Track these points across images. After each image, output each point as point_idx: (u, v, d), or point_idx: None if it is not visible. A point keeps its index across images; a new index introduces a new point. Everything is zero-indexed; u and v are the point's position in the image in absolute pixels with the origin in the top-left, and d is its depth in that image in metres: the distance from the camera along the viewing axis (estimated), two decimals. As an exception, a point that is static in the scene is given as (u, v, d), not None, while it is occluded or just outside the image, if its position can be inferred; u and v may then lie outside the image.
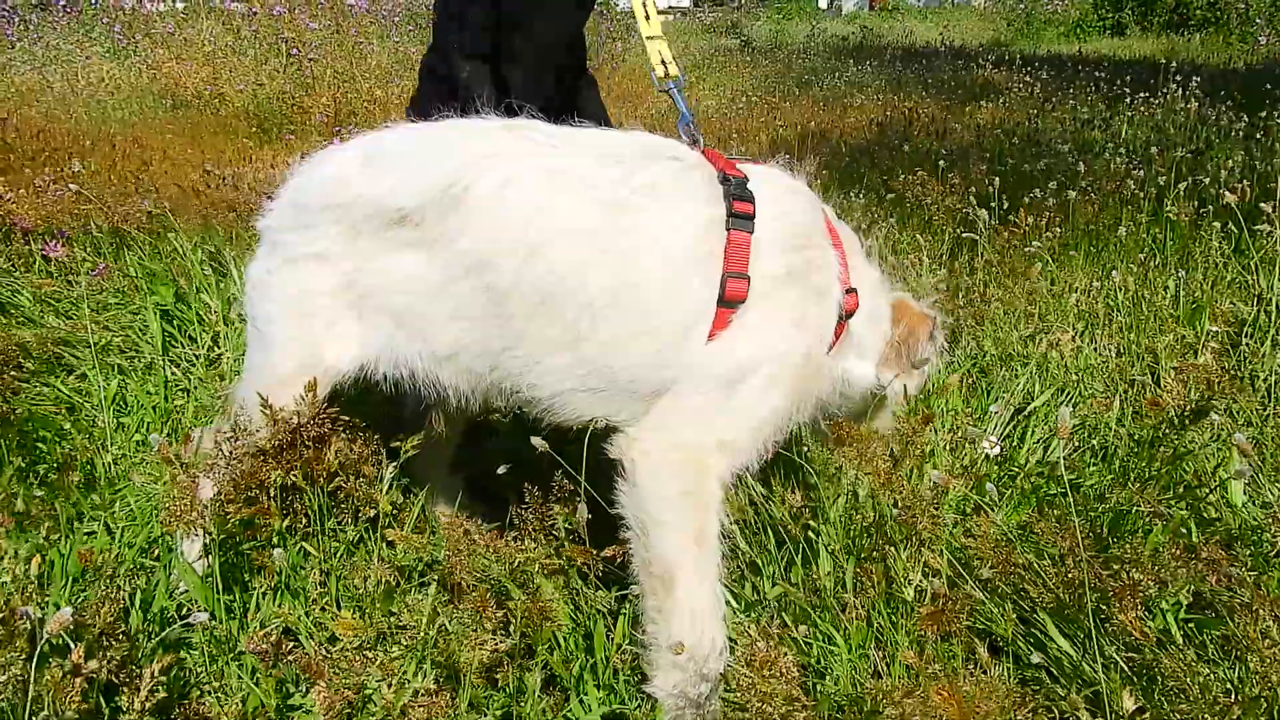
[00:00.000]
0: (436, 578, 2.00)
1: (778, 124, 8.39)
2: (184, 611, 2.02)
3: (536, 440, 1.93)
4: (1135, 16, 19.23)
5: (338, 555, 2.15)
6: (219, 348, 3.39)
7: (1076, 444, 2.85)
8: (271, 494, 2.03)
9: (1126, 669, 1.81)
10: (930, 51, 15.41)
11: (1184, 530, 2.18)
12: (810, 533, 2.14)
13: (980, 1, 28.98)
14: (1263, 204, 3.78)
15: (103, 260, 3.92)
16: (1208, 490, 2.35)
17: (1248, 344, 3.46)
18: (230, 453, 1.97)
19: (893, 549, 2.01)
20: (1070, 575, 1.90)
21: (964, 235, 4.24)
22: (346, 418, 2.12)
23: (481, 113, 2.10)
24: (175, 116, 9.52)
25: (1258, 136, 6.04)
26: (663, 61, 2.51)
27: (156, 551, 2.29)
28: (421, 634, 1.84)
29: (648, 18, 2.61)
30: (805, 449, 2.34)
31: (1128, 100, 7.81)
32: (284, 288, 2.09)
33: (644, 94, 11.73)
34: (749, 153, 7.07)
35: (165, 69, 11.04)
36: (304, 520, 2.12)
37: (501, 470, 2.15)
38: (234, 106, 9.50)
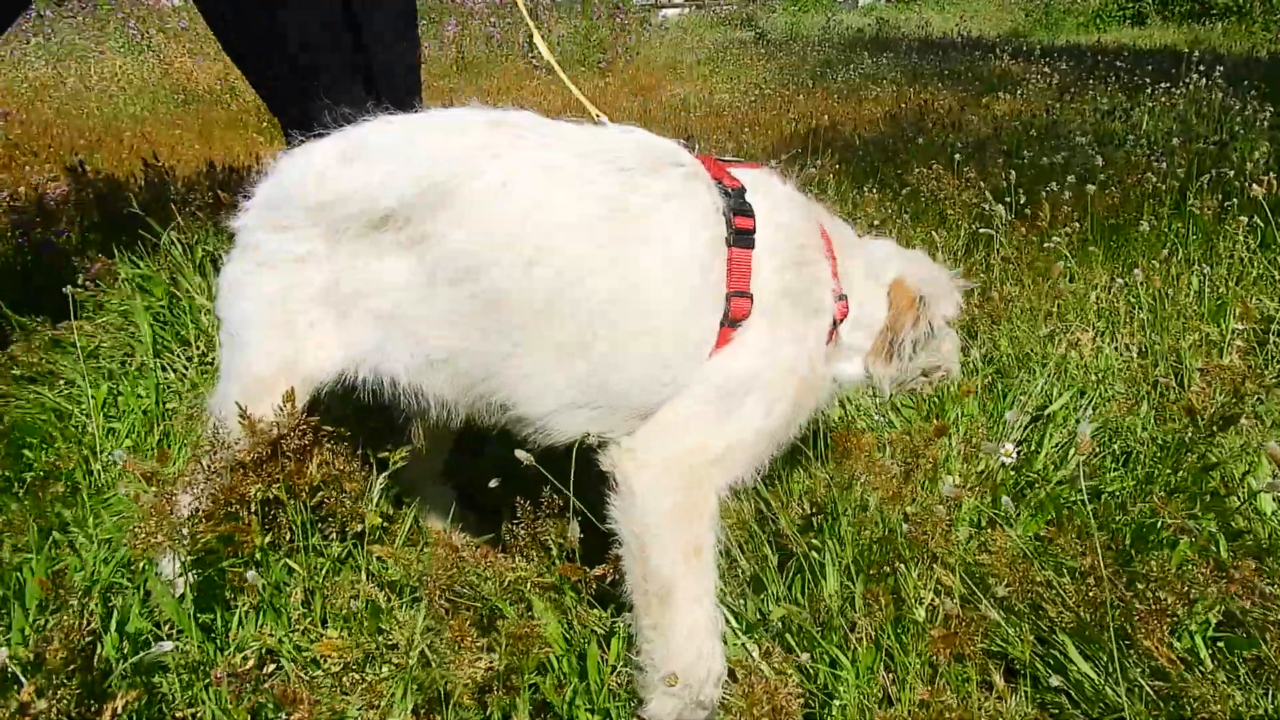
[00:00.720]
0: (426, 595, 1.91)
1: (790, 117, 8.28)
2: (166, 631, 1.94)
3: (521, 454, 1.86)
4: (1156, 5, 18.99)
5: (323, 572, 2.06)
6: (212, 350, 3.31)
7: (1097, 449, 2.74)
8: (252, 509, 1.94)
9: (1152, 693, 1.71)
10: (947, 43, 15.24)
11: (1213, 545, 2.08)
12: (815, 551, 2.04)
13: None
14: (1292, 197, 3.66)
15: (98, 260, 3.84)
16: (1236, 500, 2.24)
17: (1276, 341, 3.35)
18: (209, 466, 1.88)
19: (903, 566, 1.92)
20: (1091, 594, 1.80)
21: (980, 231, 4.13)
22: (330, 427, 2.03)
23: None
24: (186, 111, 9.50)
25: (1283, 126, 5.91)
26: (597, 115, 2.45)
27: (141, 564, 2.20)
28: (405, 655, 1.75)
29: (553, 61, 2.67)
30: (813, 460, 2.24)
31: (1149, 91, 7.66)
32: (260, 288, 2.00)
33: (658, 85, 11.66)
34: (763, 145, 6.97)
35: (178, 64, 11.05)
36: (288, 535, 2.03)
37: (493, 484, 2.06)
38: (245, 101, 9.44)
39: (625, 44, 14.95)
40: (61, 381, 3.15)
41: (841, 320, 2.01)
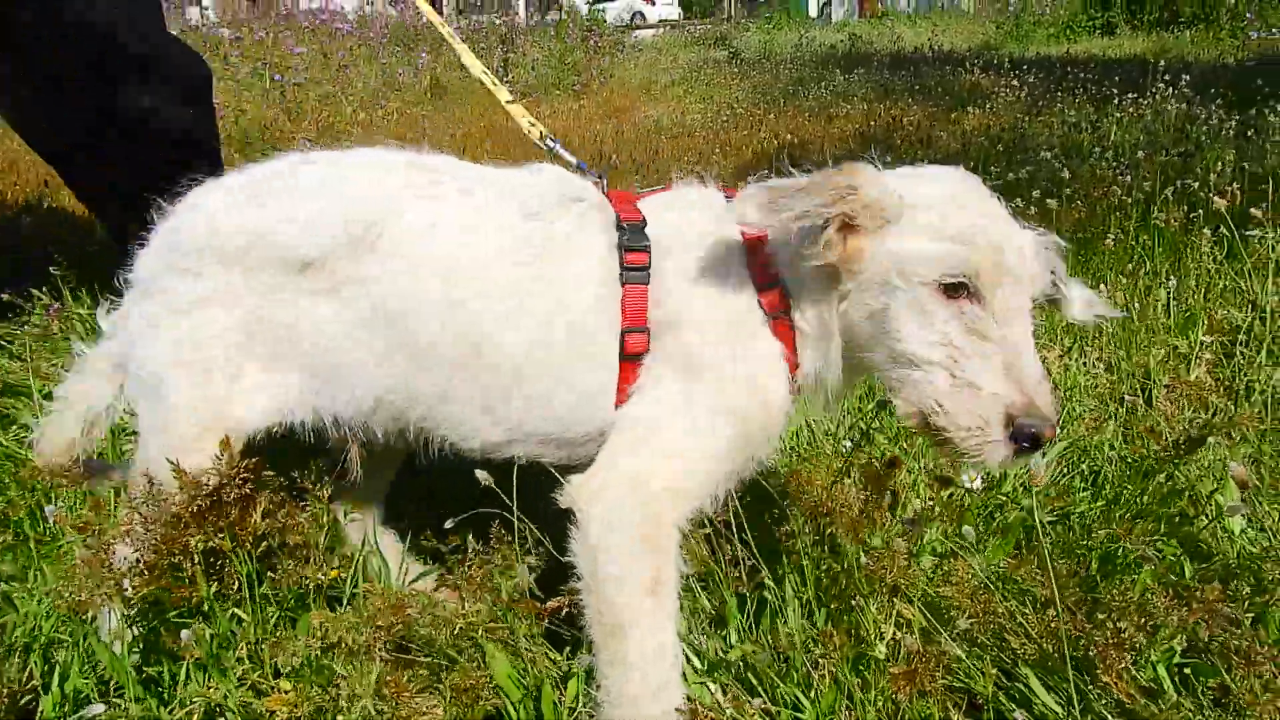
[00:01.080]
0: (368, 647, 1.86)
1: (761, 136, 8.29)
2: (110, 688, 1.89)
3: (480, 474, 1.87)
4: (1125, 15, 19.09)
5: (273, 622, 2.01)
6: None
7: (1065, 469, 2.72)
8: (195, 560, 1.89)
9: (1117, 726, 1.68)
10: (918, 57, 15.30)
11: (1177, 570, 2.05)
12: (769, 594, 2.00)
13: (969, 5, 28.92)
14: (1253, 209, 3.65)
15: (57, 301, 3.80)
16: (1203, 521, 2.22)
17: (1243, 353, 3.34)
18: (146, 518, 1.83)
19: (862, 601, 1.88)
20: (1053, 625, 1.76)
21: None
22: (271, 472, 1.98)
23: None
24: (155, 144, 9.40)
25: (1248, 134, 5.93)
26: (531, 123, 2.47)
27: (87, 618, 2.14)
28: (351, 708, 1.70)
29: (495, 84, 2.67)
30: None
31: (1116, 101, 7.70)
32: (171, 340, 1.94)
33: (632, 107, 11.67)
34: (734, 165, 6.98)
35: (146, 97, 10.93)
36: (235, 585, 1.98)
37: (449, 525, 2.02)
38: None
39: (600, 66, 14.99)
40: (15, 426, 3.10)
41: (775, 309, 1.85)
